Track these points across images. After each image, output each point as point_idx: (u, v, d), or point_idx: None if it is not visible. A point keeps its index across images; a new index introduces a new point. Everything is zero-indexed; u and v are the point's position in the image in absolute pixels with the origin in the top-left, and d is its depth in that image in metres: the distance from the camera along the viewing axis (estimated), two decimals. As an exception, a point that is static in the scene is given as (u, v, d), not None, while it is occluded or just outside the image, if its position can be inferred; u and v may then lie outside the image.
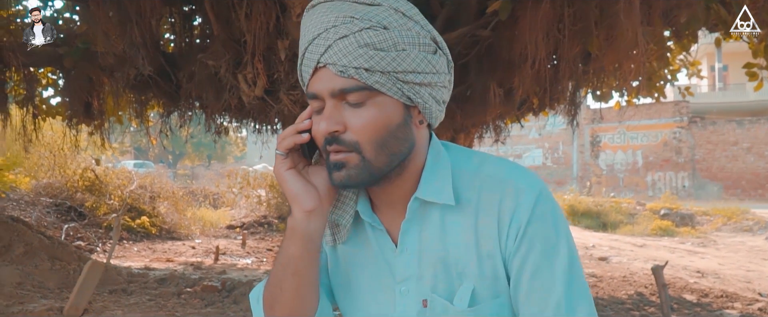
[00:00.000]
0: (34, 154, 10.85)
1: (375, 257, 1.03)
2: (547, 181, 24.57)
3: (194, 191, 15.96)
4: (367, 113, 0.89)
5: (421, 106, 0.94)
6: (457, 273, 0.97)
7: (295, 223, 0.95)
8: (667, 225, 13.38)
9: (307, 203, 0.94)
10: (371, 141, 0.90)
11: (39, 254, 6.00)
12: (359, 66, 0.87)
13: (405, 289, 1.00)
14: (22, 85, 7.23)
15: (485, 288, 0.96)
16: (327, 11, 0.90)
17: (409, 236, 0.99)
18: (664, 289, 5.02)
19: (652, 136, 22.74)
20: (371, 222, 1.02)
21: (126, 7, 4.48)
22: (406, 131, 0.93)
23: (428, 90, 0.93)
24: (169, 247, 9.53)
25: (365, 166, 0.91)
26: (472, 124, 5.59)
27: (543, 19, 3.91)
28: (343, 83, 0.88)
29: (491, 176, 0.97)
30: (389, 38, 0.88)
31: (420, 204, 0.98)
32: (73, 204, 10.15)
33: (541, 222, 0.94)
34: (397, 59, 0.88)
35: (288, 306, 0.99)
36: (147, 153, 35.13)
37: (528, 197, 0.94)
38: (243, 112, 5.70)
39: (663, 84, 7.52)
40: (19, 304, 4.80)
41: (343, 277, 1.09)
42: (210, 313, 4.93)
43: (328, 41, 0.88)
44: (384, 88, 0.89)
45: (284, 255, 0.98)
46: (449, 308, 0.96)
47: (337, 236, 1.04)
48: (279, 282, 0.99)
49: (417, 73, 0.90)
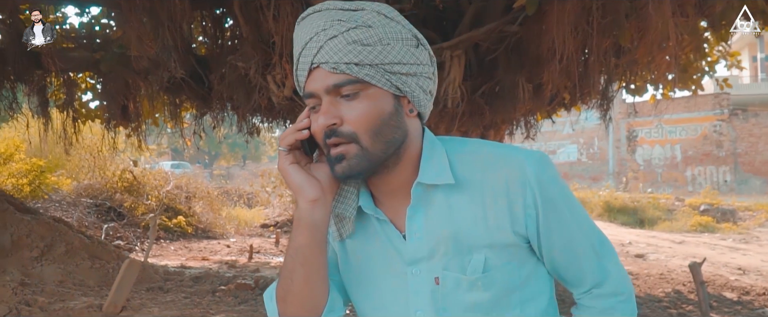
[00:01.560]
0: (74, 157, 11.14)
1: (383, 247, 1.07)
2: (583, 177, 24.23)
3: (229, 191, 16.20)
4: (361, 105, 0.97)
5: (409, 95, 1.01)
6: (468, 246, 1.02)
7: (300, 213, 1.02)
8: (707, 221, 13.07)
9: (311, 193, 1.00)
10: (367, 130, 0.96)
11: (80, 253, 6.17)
12: (350, 61, 0.95)
13: (416, 271, 1.05)
14: (61, 89, 7.44)
15: (496, 257, 1.02)
16: (316, 18, 0.99)
17: (416, 220, 1.04)
18: (702, 287, 4.92)
19: (691, 129, 22.20)
20: (375, 214, 1.06)
21: (158, 12, 4.58)
22: (398, 119, 1.00)
23: (414, 79, 1.00)
24: (205, 246, 9.70)
25: (364, 155, 0.97)
26: (502, 120, 5.55)
27: (571, 13, 3.87)
28: (336, 79, 0.96)
29: (491, 154, 1.05)
30: (374, 34, 0.96)
31: (423, 188, 1.03)
32: (112, 205, 10.41)
33: (551, 185, 1.03)
34: (384, 52, 0.96)
35: (299, 297, 1.04)
36: (184, 154, 35.77)
37: (532, 166, 1.02)
38: (273, 112, 5.78)
39: (700, 76, 7.33)
40: (60, 301, 4.95)
41: (354, 271, 1.12)
42: (243, 311, 5.01)
43: (320, 42, 0.96)
44: (374, 80, 0.96)
45: (293, 246, 1.03)
46: (461, 280, 1.02)
47: (343, 230, 1.09)
48: (290, 274, 1.04)
49: (402, 64, 0.98)
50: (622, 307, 1.08)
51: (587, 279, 1.08)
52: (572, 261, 1.06)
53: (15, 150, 10.20)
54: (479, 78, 5.10)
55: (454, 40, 4.54)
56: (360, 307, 1.14)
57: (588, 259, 1.07)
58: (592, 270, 1.07)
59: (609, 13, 4.09)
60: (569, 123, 23.37)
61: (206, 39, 6.47)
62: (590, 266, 1.07)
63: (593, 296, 1.08)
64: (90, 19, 6.76)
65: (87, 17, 6.72)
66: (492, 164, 1.03)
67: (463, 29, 4.68)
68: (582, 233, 1.06)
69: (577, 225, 1.06)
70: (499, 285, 1.02)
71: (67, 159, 10.99)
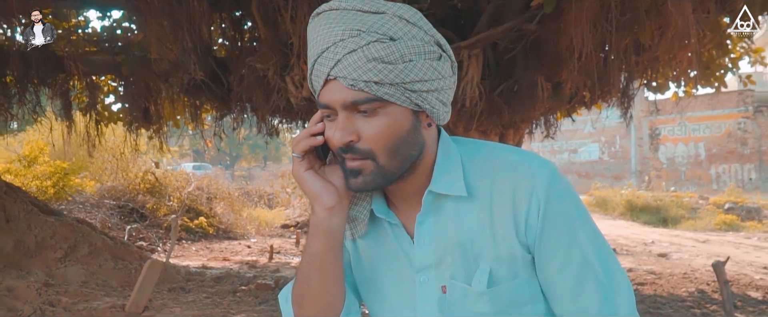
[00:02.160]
0: (97, 159, 11.31)
1: (394, 251, 1.07)
2: (604, 176, 23.99)
3: (249, 192, 16.30)
4: (379, 122, 0.93)
5: (428, 111, 0.97)
6: (474, 256, 1.00)
7: (317, 221, 1.00)
8: (731, 220, 12.86)
9: (328, 200, 0.99)
10: (384, 148, 0.94)
11: (103, 254, 6.25)
12: (369, 79, 0.90)
13: (424, 278, 1.03)
14: (84, 92, 7.55)
15: (502, 269, 0.99)
16: (333, 22, 0.92)
17: (425, 227, 1.03)
18: (726, 286, 4.85)
19: (715, 127, 21.86)
20: (387, 218, 1.05)
21: (177, 15, 4.63)
22: (415, 135, 0.97)
23: (435, 95, 0.96)
24: (226, 247, 9.78)
25: (380, 172, 0.95)
26: (521, 120, 5.51)
27: (589, 10, 3.84)
28: (354, 96, 0.91)
29: (503, 161, 1.02)
30: (396, 51, 0.90)
31: (434, 197, 1.02)
32: (135, 206, 10.53)
33: (559, 198, 0.98)
34: (405, 71, 0.91)
35: (316, 302, 1.03)
36: (205, 155, 36.09)
37: (542, 177, 0.98)
38: (292, 113, 5.80)
39: (723, 73, 7.21)
40: (84, 302, 5.02)
41: (365, 273, 1.12)
42: (264, 311, 5.04)
43: (338, 55, 0.91)
44: (393, 98, 0.92)
45: (309, 252, 1.02)
46: (468, 291, 1.00)
47: (354, 231, 1.08)
48: (306, 279, 1.03)
49: (424, 82, 0.93)
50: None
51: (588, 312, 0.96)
52: (568, 287, 0.97)
53: (39, 152, 10.38)
54: (497, 77, 5.08)
55: (472, 39, 4.53)
56: (371, 307, 1.14)
57: (588, 288, 0.96)
58: (595, 301, 0.96)
59: (628, 9, 4.04)
60: (590, 121, 23.18)
61: (225, 41, 6.53)
62: (592, 296, 0.96)
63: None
64: (112, 22, 6.86)
65: (109, 21, 6.82)
66: (503, 171, 1.00)
67: (481, 28, 4.66)
68: (584, 258, 0.97)
69: (581, 248, 0.97)
70: (507, 300, 1.00)
71: (91, 161, 11.16)
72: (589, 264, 0.97)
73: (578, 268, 0.97)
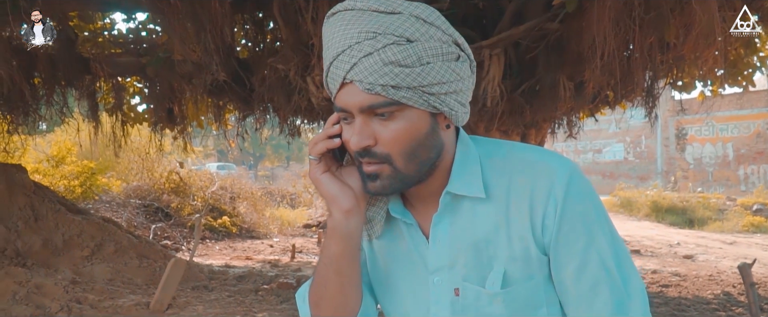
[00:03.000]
0: (123, 159, 11.49)
1: (409, 251, 1.05)
2: (630, 177, 23.67)
3: (272, 191, 16.42)
4: (396, 126, 0.91)
5: (446, 113, 0.94)
6: (488, 257, 0.98)
7: (335, 223, 0.99)
8: (760, 222, 12.62)
9: (345, 203, 0.98)
10: (401, 152, 0.92)
11: (128, 252, 6.35)
12: (386, 83, 0.88)
13: (438, 280, 1.02)
14: (110, 94, 7.68)
15: (517, 270, 0.97)
16: (348, 24, 0.90)
17: (440, 228, 1.01)
18: (752, 288, 4.75)
19: (744, 126, 21.44)
20: (403, 218, 1.04)
21: (200, 17, 4.68)
22: (433, 138, 0.95)
23: (453, 97, 0.94)
24: (249, 246, 9.86)
25: (397, 176, 0.94)
26: (543, 119, 5.47)
27: (612, 8, 3.79)
28: (371, 100, 0.89)
29: (522, 160, 0.99)
30: (413, 53, 0.88)
31: (452, 197, 1.00)
32: (160, 206, 10.68)
33: (578, 199, 0.95)
34: (423, 74, 0.88)
35: (333, 304, 1.03)
36: (228, 156, 36.42)
37: (561, 176, 0.95)
38: (313, 113, 5.83)
39: (752, 72, 7.09)
40: (109, 299, 5.10)
41: (381, 273, 1.11)
42: (285, 309, 5.08)
43: (354, 58, 0.89)
44: (411, 102, 0.90)
45: (326, 254, 1.01)
46: (481, 293, 0.98)
47: (371, 231, 1.07)
48: (323, 281, 1.03)
49: (442, 84, 0.91)
50: None
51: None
52: (583, 291, 0.95)
53: (67, 153, 10.58)
54: (519, 76, 5.05)
55: (494, 39, 4.51)
56: (385, 307, 1.13)
57: (603, 294, 0.94)
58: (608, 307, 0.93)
59: (652, 8, 3.98)
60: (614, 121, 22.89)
61: (247, 42, 6.59)
62: (606, 302, 0.94)
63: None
64: (137, 24, 6.95)
65: (134, 23, 6.92)
66: (521, 170, 0.98)
67: (503, 27, 4.64)
68: (602, 261, 0.94)
69: (598, 251, 0.94)
70: (521, 301, 0.98)
71: (117, 161, 11.34)
72: (606, 268, 0.94)
73: (594, 272, 0.94)
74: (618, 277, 0.94)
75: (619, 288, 0.94)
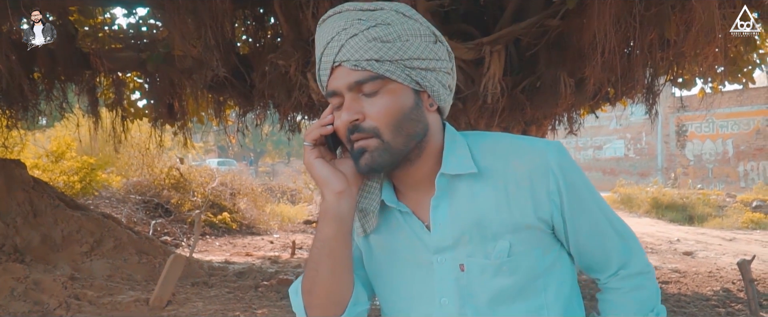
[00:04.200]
0: (123, 154, 11.48)
1: (408, 238, 1.09)
2: (630, 173, 23.67)
3: (272, 187, 16.41)
4: (382, 100, 1.00)
5: (429, 90, 1.04)
6: (492, 233, 1.04)
7: (327, 206, 1.04)
8: (759, 218, 12.60)
9: (337, 185, 1.03)
10: (388, 124, 0.99)
11: (127, 248, 6.35)
12: (370, 57, 0.98)
13: (442, 259, 1.06)
14: (110, 89, 7.66)
15: (520, 242, 1.04)
16: (337, 19, 1.02)
17: (440, 210, 1.06)
18: (751, 285, 4.76)
19: (744, 123, 21.41)
20: (398, 207, 1.09)
21: (201, 12, 4.67)
22: (418, 113, 1.02)
23: (433, 74, 1.03)
24: (249, 242, 9.86)
25: (386, 148, 1.00)
26: (544, 116, 5.46)
27: (613, 5, 3.78)
28: (358, 76, 0.99)
29: (512, 144, 1.08)
30: (393, 31, 0.99)
31: (447, 179, 1.06)
32: (160, 201, 10.67)
33: (571, 172, 1.06)
34: (403, 48, 0.99)
35: (325, 288, 1.06)
36: (229, 152, 36.41)
37: (553, 155, 1.05)
38: (313, 109, 5.83)
39: (751, 69, 7.09)
40: (109, 295, 5.11)
41: (379, 265, 1.14)
42: (285, 306, 5.08)
43: (341, 41, 0.99)
44: (394, 76, 0.99)
45: (319, 238, 1.06)
46: (487, 265, 1.04)
47: (366, 225, 1.11)
48: (316, 265, 1.06)
49: (421, 60, 1.01)
50: (649, 284, 1.12)
51: (613, 261, 1.11)
52: (598, 244, 1.10)
53: (66, 148, 10.57)
54: (520, 73, 5.04)
55: (495, 35, 4.50)
56: (386, 299, 1.16)
57: (613, 241, 1.10)
58: (617, 251, 1.10)
59: (653, 4, 3.98)
60: (615, 118, 22.88)
61: (248, 38, 6.57)
62: (615, 248, 1.10)
63: (620, 277, 1.11)
64: (137, 19, 6.94)
65: (134, 18, 6.91)
66: (513, 153, 1.06)
67: (503, 24, 4.63)
68: (604, 217, 1.10)
69: (600, 209, 1.09)
70: (524, 270, 1.04)
71: (117, 156, 11.32)
72: (610, 220, 1.10)
73: (603, 226, 1.09)
74: (619, 226, 1.11)
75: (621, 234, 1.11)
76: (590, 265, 1.13)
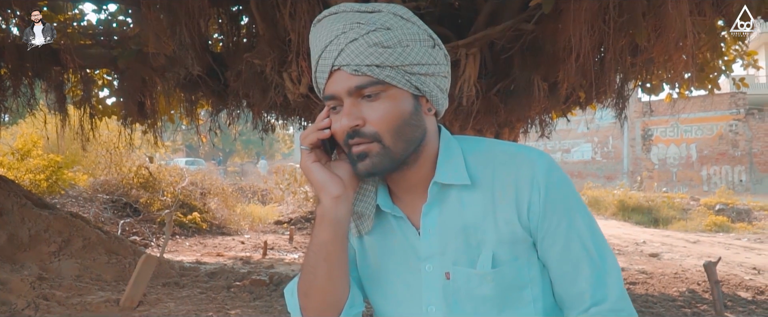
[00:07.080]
0: (91, 153, 11.27)
1: (400, 243, 1.10)
2: (597, 176, 24.09)
3: (243, 187, 16.27)
4: (382, 106, 0.99)
5: (428, 95, 1.03)
6: (477, 242, 1.04)
7: (323, 210, 1.03)
8: (722, 221, 12.95)
9: (334, 190, 1.02)
10: (389, 130, 0.99)
11: (97, 248, 6.23)
12: (371, 63, 0.97)
13: (429, 267, 1.07)
14: (79, 86, 7.51)
15: (504, 253, 1.03)
16: (334, 21, 1.00)
17: (430, 217, 1.07)
18: (716, 286, 4.89)
19: (707, 128, 21.98)
20: (392, 212, 1.09)
21: (175, 9, 4.62)
22: (418, 118, 1.02)
23: (432, 79, 1.03)
24: (220, 242, 9.76)
25: (386, 153, 0.99)
26: (517, 119, 5.54)
27: (587, 11, 3.86)
28: (358, 81, 0.98)
29: (503, 152, 1.07)
30: (393, 36, 0.98)
31: (439, 187, 1.06)
32: (128, 201, 10.50)
33: (557, 185, 1.04)
34: (403, 54, 0.98)
35: (322, 292, 1.06)
36: (198, 151, 35.98)
37: (541, 166, 1.04)
38: (288, 109, 5.80)
39: (717, 75, 7.27)
40: (78, 296, 5.01)
41: (371, 267, 1.15)
42: (258, 306, 5.05)
43: (340, 46, 0.98)
44: (394, 81, 0.98)
45: (316, 242, 1.05)
46: (471, 274, 1.04)
47: (361, 227, 1.11)
48: (312, 269, 1.06)
49: (421, 65, 1.00)
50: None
51: (584, 294, 1.02)
52: (568, 269, 1.03)
53: (33, 146, 10.32)
54: (494, 76, 5.10)
55: (470, 38, 4.54)
56: (376, 302, 1.16)
57: (585, 271, 1.02)
58: (589, 283, 1.01)
59: (626, 11, 4.06)
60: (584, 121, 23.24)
61: (223, 36, 6.51)
62: (587, 279, 1.01)
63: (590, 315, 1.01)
64: (108, 16, 6.82)
65: (105, 14, 6.78)
66: (504, 162, 1.05)
67: (478, 27, 4.68)
68: (582, 242, 1.03)
69: (578, 233, 1.03)
70: (510, 281, 1.03)
71: (84, 155, 11.12)
72: (586, 247, 1.03)
73: (576, 252, 1.02)
74: (596, 255, 1.03)
75: (597, 264, 1.02)
76: (561, 297, 1.05)
